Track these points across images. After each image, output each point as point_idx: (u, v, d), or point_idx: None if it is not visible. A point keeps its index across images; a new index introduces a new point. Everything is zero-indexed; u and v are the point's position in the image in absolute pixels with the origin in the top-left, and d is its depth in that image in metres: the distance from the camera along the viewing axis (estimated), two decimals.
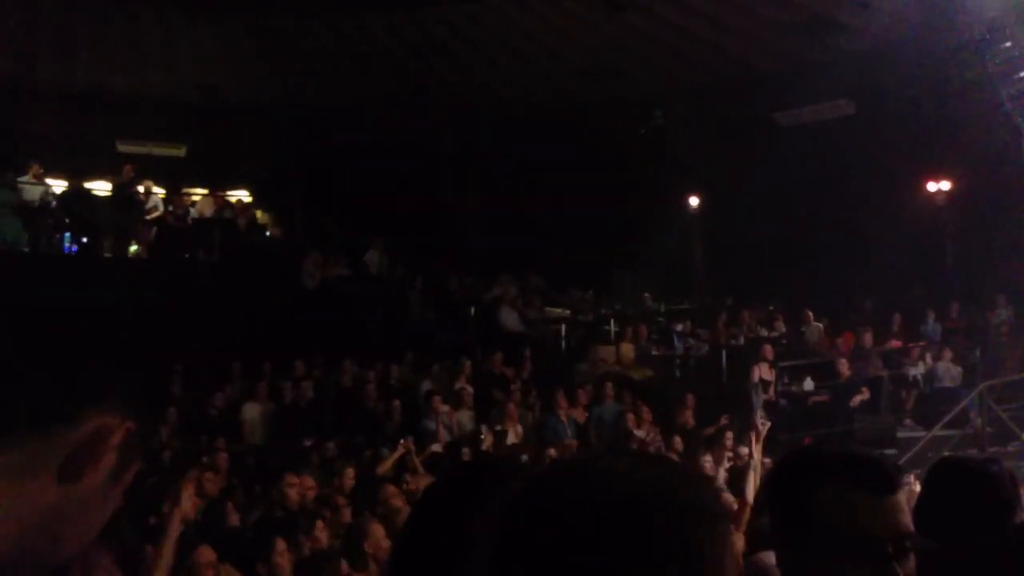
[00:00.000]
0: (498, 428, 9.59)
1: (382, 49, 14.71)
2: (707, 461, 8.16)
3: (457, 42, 14.43)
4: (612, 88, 15.07)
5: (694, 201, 16.48)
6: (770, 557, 1.53)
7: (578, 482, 0.74)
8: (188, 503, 5.69)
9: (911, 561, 1.31)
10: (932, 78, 11.79)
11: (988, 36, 11.25)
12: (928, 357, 11.67)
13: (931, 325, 12.61)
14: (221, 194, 15.39)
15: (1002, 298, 12.35)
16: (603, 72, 14.69)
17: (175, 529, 3.70)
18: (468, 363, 11.18)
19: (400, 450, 7.89)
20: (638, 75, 14.88)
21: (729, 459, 8.56)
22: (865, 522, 1.31)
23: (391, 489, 6.10)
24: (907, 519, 1.35)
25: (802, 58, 13.40)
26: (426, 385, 10.72)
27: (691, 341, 13.40)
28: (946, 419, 10.07)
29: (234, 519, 5.73)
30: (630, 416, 9.92)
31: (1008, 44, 11.14)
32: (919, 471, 5.09)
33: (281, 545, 4.34)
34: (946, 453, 8.89)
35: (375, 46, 14.62)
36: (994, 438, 10.04)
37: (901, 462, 9.13)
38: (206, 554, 4.12)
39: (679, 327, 13.65)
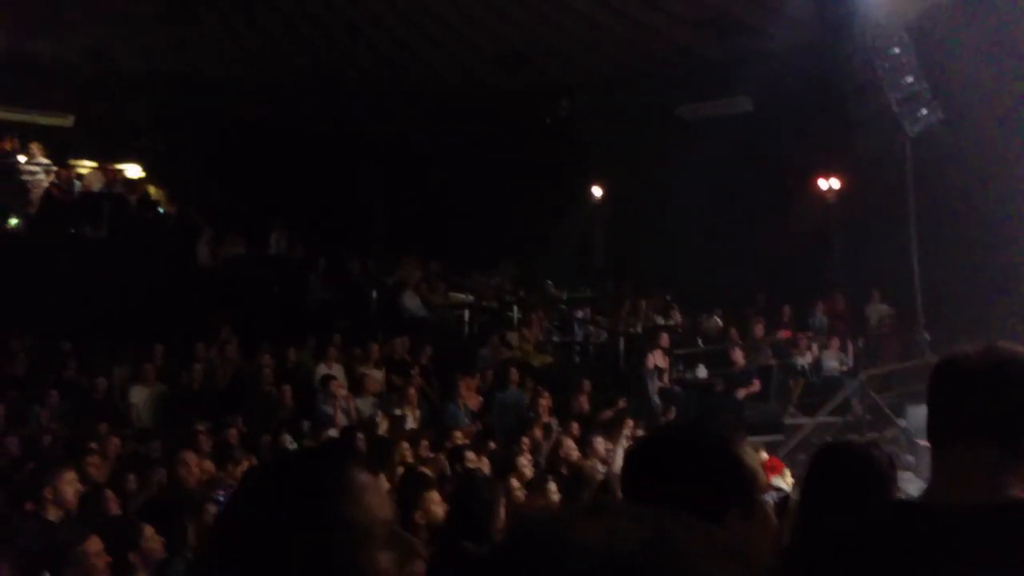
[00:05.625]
0: (396, 413, 9.50)
1: (289, 25, 14.31)
2: (599, 443, 8.29)
3: (365, 21, 14.17)
4: (519, 75, 15.11)
5: (597, 191, 16.69)
6: None
7: (548, 556, 0.64)
8: (69, 490, 5.43)
9: None
10: (825, 80, 12.25)
11: (878, 42, 11.75)
12: (815, 347, 12.18)
13: (818, 317, 13.16)
14: (111, 167, 14.69)
15: (882, 292, 13.00)
16: (511, 59, 14.71)
17: None
18: (373, 347, 11.04)
19: None
20: (545, 64, 14.95)
21: (628, 440, 8.72)
22: None
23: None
24: None
25: (706, 55, 13.73)
26: (323, 369, 10.53)
27: (591, 328, 13.60)
28: (830, 407, 10.54)
29: (114, 507, 5.48)
30: (541, 402, 9.97)
31: (896, 50, 11.66)
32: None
33: (150, 531, 4.17)
34: (829, 439, 9.32)
35: (282, 21, 14.21)
36: (873, 424, 10.57)
37: (788, 448, 9.52)
38: (94, 544, 3.93)
39: (579, 314, 13.83)
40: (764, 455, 7.37)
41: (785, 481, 6.91)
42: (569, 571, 0.63)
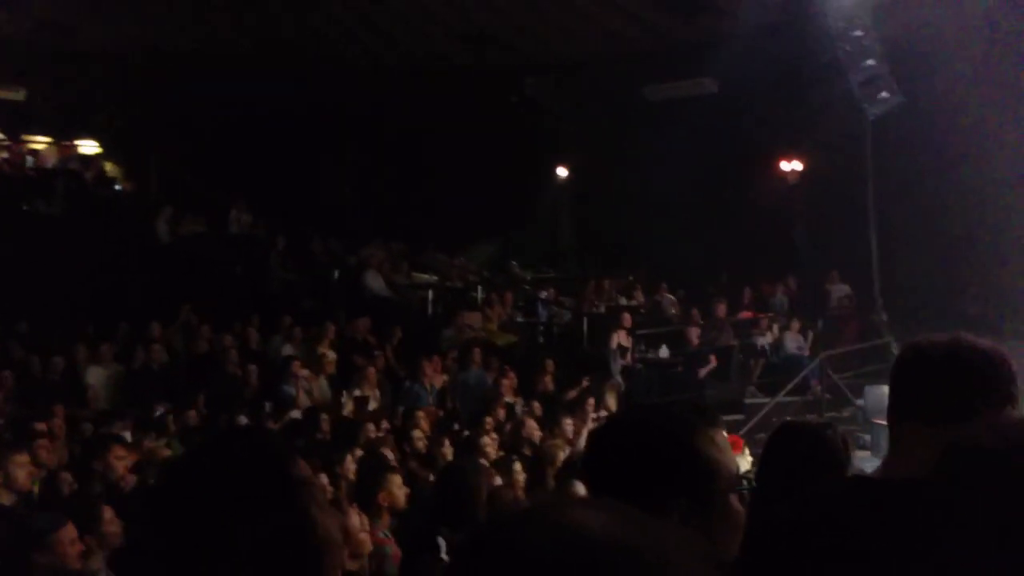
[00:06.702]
0: (359, 394, 9.45)
1: (253, 0, 14.03)
2: (568, 424, 8.31)
3: None
4: (486, 54, 14.98)
5: (562, 171, 16.67)
6: None
7: (531, 535, 0.68)
8: (21, 473, 5.33)
9: None
10: (789, 63, 12.31)
11: (841, 25, 11.82)
12: (775, 328, 12.32)
13: (779, 298, 13.31)
14: (66, 143, 14.35)
15: (840, 273, 13.17)
16: (478, 37, 14.57)
17: None
18: (331, 327, 10.95)
19: None
20: (512, 43, 14.84)
21: (594, 421, 8.76)
22: None
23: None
24: None
25: (672, 36, 13.72)
26: (286, 349, 10.43)
27: (555, 309, 13.63)
28: (789, 386, 10.69)
29: (70, 490, 5.40)
30: (504, 382, 9.98)
31: (858, 33, 11.75)
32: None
33: (109, 513, 4.11)
34: (788, 418, 9.44)
35: None
36: (832, 404, 10.74)
37: (748, 427, 9.64)
38: (69, 531, 3.86)
39: (543, 294, 13.85)
40: (724, 433, 7.45)
41: (745, 460, 7.00)
42: (542, 556, 0.65)
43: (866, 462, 7.80)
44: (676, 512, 1.38)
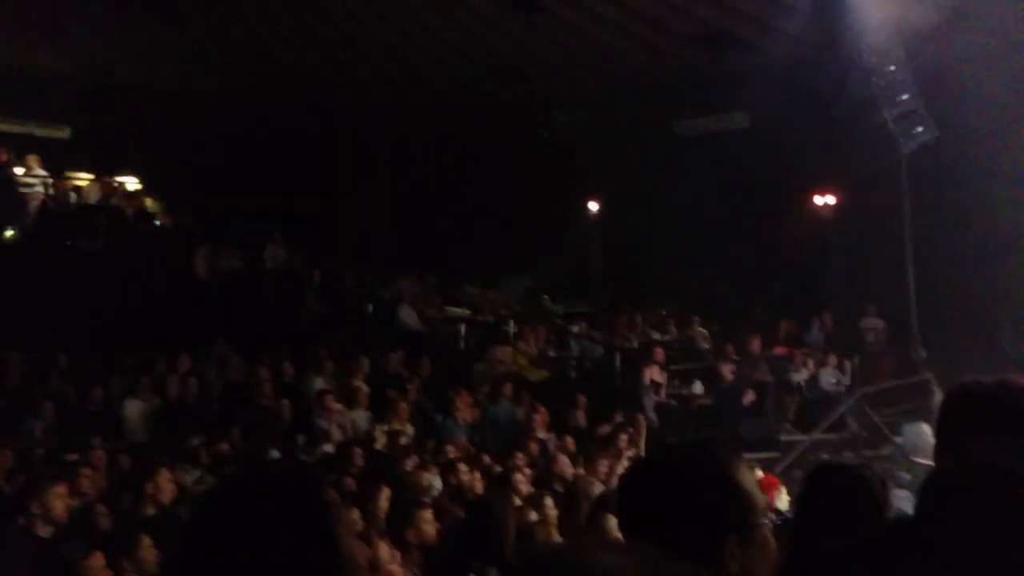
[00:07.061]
0: (391, 428, 9.46)
1: (285, 37, 14.37)
2: (603, 465, 8.20)
3: (362, 34, 14.22)
4: (516, 89, 15.15)
5: (593, 205, 16.70)
6: None
7: None
8: (58, 505, 5.40)
9: None
10: (821, 97, 12.29)
11: (874, 60, 11.80)
12: (811, 364, 12.16)
13: (815, 333, 13.15)
14: (108, 180, 14.70)
15: (876, 308, 13.00)
16: (508, 73, 14.75)
17: None
18: (365, 361, 11.01)
19: None
20: (542, 78, 15.00)
21: (629, 459, 8.67)
22: None
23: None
24: None
25: (702, 71, 13.78)
26: (319, 383, 10.49)
27: (586, 343, 13.58)
28: (825, 424, 10.51)
29: (105, 521, 5.45)
30: (536, 417, 9.94)
31: (892, 68, 11.72)
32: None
33: (146, 542, 4.16)
34: (825, 456, 9.30)
35: (278, 34, 14.27)
36: (868, 442, 10.55)
37: (784, 465, 9.50)
38: (97, 560, 3.92)
39: (575, 329, 13.82)
40: (760, 473, 7.35)
41: (782, 499, 6.88)
42: None
43: (905, 502, 7.63)
44: (725, 544, 1.39)
